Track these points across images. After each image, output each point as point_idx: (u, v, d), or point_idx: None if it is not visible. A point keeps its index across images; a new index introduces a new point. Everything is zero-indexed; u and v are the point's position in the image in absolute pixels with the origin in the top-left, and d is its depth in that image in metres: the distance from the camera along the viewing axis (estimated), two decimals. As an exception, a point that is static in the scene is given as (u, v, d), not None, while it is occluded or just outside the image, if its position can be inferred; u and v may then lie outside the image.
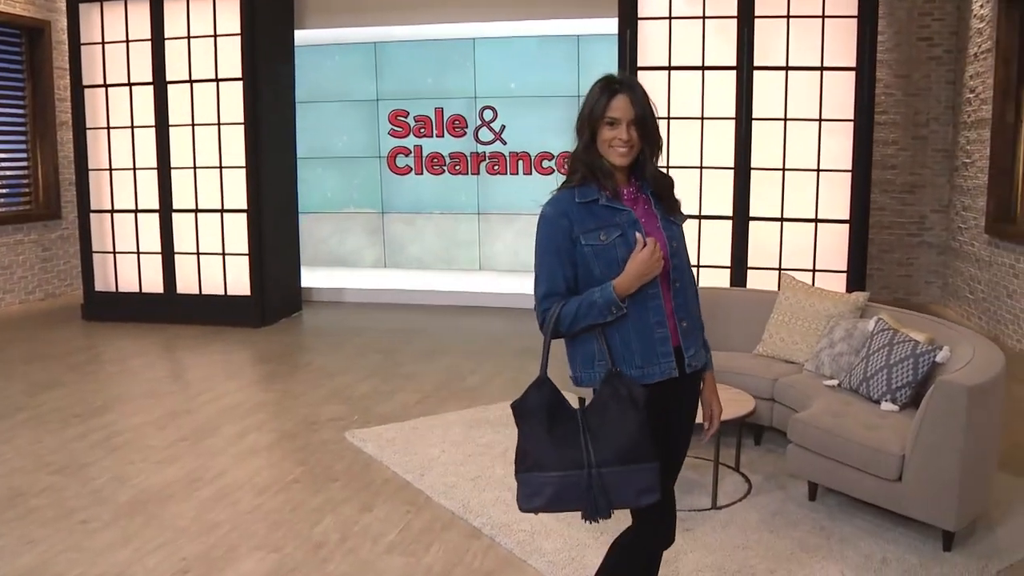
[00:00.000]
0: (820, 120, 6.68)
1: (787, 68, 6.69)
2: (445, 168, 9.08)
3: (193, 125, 7.86)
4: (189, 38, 7.76)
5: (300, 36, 8.72)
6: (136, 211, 8.09)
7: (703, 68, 6.80)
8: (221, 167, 7.87)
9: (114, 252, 8.20)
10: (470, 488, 4.20)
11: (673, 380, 2.42)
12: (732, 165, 6.81)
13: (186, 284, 8.09)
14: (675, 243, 2.43)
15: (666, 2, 6.81)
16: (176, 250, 8.05)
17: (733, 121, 6.78)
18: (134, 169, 8.04)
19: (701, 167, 6.86)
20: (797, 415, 3.99)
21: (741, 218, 6.85)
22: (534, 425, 2.30)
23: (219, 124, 7.82)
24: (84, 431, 5.04)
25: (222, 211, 7.92)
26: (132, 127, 7.98)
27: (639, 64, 6.88)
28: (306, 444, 4.86)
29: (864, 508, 3.85)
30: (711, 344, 2.62)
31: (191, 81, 7.81)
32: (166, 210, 8.00)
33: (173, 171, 7.96)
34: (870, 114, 6.64)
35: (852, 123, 6.61)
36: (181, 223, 8.02)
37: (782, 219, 6.85)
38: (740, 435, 4.43)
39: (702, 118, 6.82)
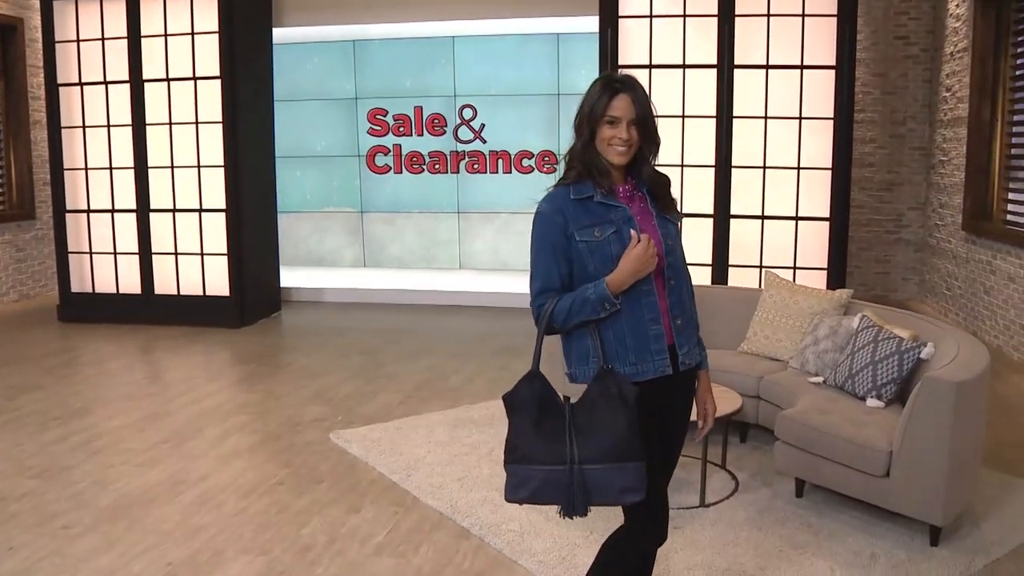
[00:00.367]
0: (800, 118, 6.71)
1: (767, 66, 6.71)
2: (424, 167, 9.05)
3: (171, 124, 7.77)
4: (166, 36, 7.67)
5: (278, 34, 8.65)
6: (113, 211, 7.99)
7: (684, 66, 6.82)
8: (199, 166, 7.79)
9: (90, 253, 8.10)
10: (457, 488, 4.18)
11: (667, 378, 2.43)
12: (713, 163, 6.83)
13: (164, 285, 8.00)
14: (670, 241, 2.44)
15: (647, 0, 6.81)
16: (154, 250, 7.96)
17: (714, 119, 6.80)
18: (110, 168, 7.94)
19: (682, 165, 6.87)
20: (784, 412, 4.00)
21: (722, 216, 6.87)
22: (523, 418, 2.32)
23: (197, 123, 7.74)
24: (64, 434, 4.97)
25: (200, 211, 7.84)
26: (108, 126, 7.88)
27: (620, 62, 6.88)
28: (290, 445, 4.82)
29: (851, 504, 3.87)
30: (700, 342, 2.62)
31: (168, 79, 7.72)
32: (143, 210, 7.91)
33: (150, 170, 7.86)
34: (850, 112, 6.68)
35: (832, 121, 6.65)
36: (159, 223, 7.93)
37: (763, 217, 6.87)
38: (727, 433, 4.45)
39: (683, 116, 6.84)
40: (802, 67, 6.66)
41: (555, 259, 2.42)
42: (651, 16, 6.82)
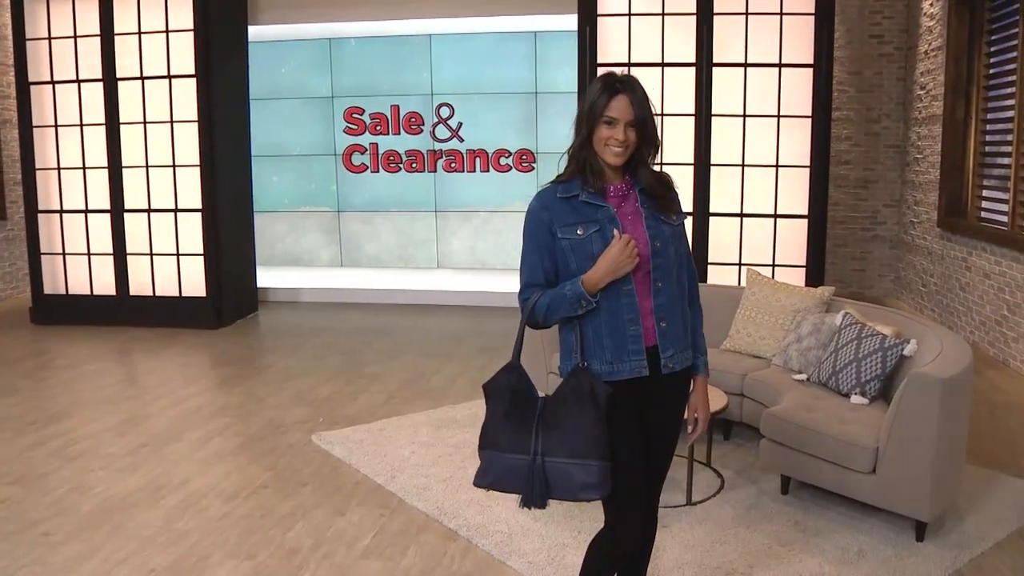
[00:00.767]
0: (779, 116, 6.75)
1: (746, 65, 6.74)
2: (402, 166, 9.01)
3: (145, 123, 7.67)
4: (140, 34, 7.56)
5: (253, 32, 8.58)
6: (86, 211, 7.87)
7: (663, 65, 6.83)
8: (174, 166, 7.70)
9: (63, 254, 7.98)
10: (443, 489, 4.16)
11: (650, 380, 2.42)
12: (692, 161, 6.85)
13: (139, 286, 7.90)
14: (659, 242, 2.41)
15: (626, -1, 6.83)
16: (128, 251, 7.86)
17: (693, 117, 6.82)
18: (83, 168, 7.83)
19: (661, 163, 6.80)
20: (769, 410, 4.02)
21: (701, 214, 6.89)
22: (496, 406, 2.40)
23: (172, 122, 7.64)
24: (41, 439, 4.89)
25: (176, 211, 7.75)
26: (81, 125, 7.76)
27: (599, 61, 6.89)
28: (272, 448, 4.77)
29: (837, 500, 3.89)
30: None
31: (142, 78, 7.61)
32: (118, 210, 7.80)
33: (124, 170, 7.76)
34: (828, 110, 6.73)
35: (810, 119, 6.69)
36: (133, 223, 7.83)
37: (742, 215, 6.90)
38: (711, 431, 4.45)
39: (662, 114, 6.84)
40: (780, 65, 6.70)
41: (540, 255, 2.44)
42: (630, 14, 6.83)
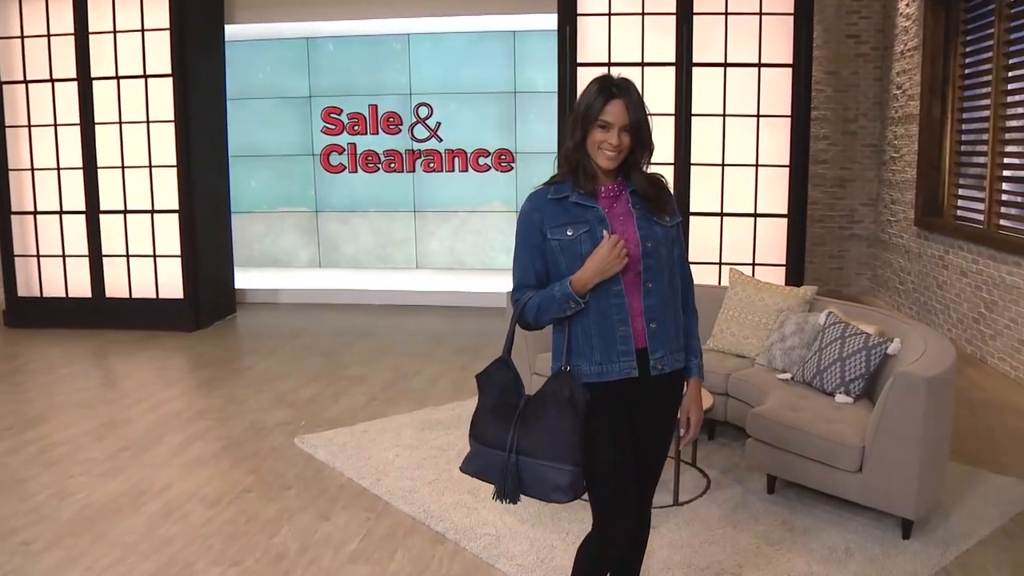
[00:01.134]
0: (758, 116, 6.78)
1: (725, 64, 6.77)
2: (380, 166, 8.96)
3: (120, 123, 7.58)
4: (115, 32, 7.47)
5: (230, 31, 8.49)
6: (61, 212, 7.77)
7: (643, 64, 6.84)
8: (151, 166, 7.61)
9: (38, 256, 7.87)
10: (429, 492, 4.13)
11: (640, 381, 2.41)
12: (672, 161, 6.86)
13: (115, 288, 7.80)
14: (650, 243, 2.40)
15: (606, -2, 6.83)
16: (104, 252, 7.76)
17: (673, 117, 6.83)
18: (58, 169, 7.72)
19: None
20: (755, 410, 4.03)
21: (681, 213, 6.88)
22: (486, 398, 2.46)
23: (148, 122, 7.56)
24: (17, 445, 4.81)
25: (152, 211, 7.67)
26: (55, 125, 7.65)
27: (579, 60, 6.89)
28: (255, 452, 4.72)
29: (822, 499, 3.91)
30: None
31: (118, 77, 7.52)
32: (93, 211, 7.70)
33: (100, 171, 7.66)
34: (807, 110, 6.77)
35: (789, 119, 6.73)
36: (109, 224, 7.73)
37: (722, 214, 6.93)
38: (697, 430, 4.45)
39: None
40: (759, 65, 6.73)
41: (531, 256, 2.45)
42: (610, 14, 6.83)
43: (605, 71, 7.27)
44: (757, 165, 6.83)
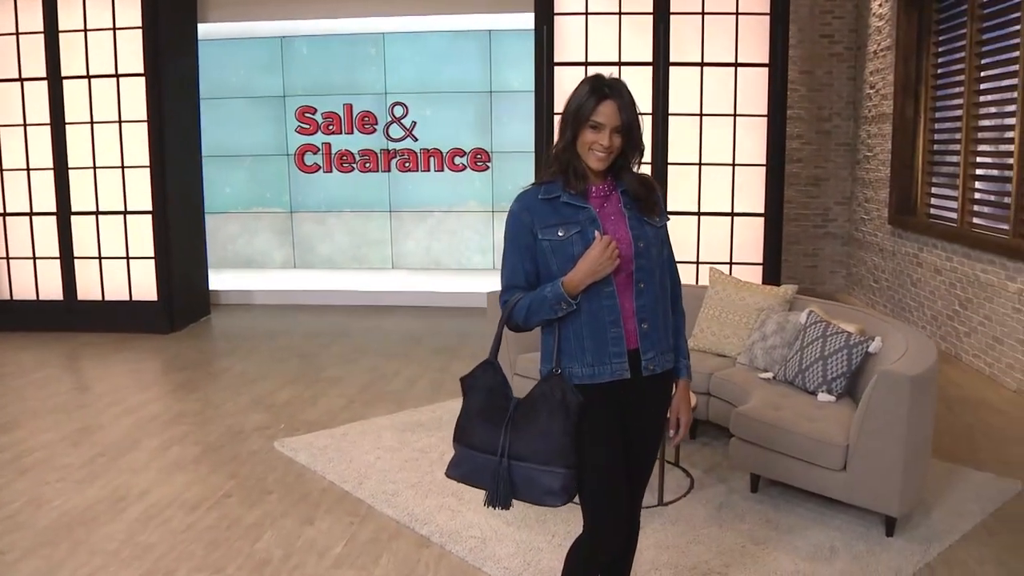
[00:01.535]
0: (735, 116, 6.80)
1: (702, 64, 6.78)
2: (355, 166, 8.91)
3: (92, 123, 7.47)
4: (86, 31, 7.36)
5: (203, 30, 8.40)
6: (31, 214, 7.64)
7: (620, 64, 6.83)
8: (123, 167, 7.51)
9: (7, 258, 7.74)
10: (412, 495, 4.10)
11: (631, 382, 2.40)
12: (649, 160, 6.85)
13: (87, 290, 7.69)
14: (642, 243, 2.39)
15: (582, -2, 6.83)
16: (76, 254, 7.65)
17: (650, 116, 6.84)
18: (28, 170, 7.59)
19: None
20: (739, 409, 4.03)
21: (660, 213, 6.90)
22: (472, 402, 2.43)
23: (120, 121, 7.45)
24: (-10, 451, 4.73)
25: (125, 213, 7.56)
26: (25, 125, 7.52)
27: (556, 60, 6.88)
28: (234, 456, 4.67)
29: (805, 497, 3.93)
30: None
31: (89, 76, 7.41)
32: (64, 213, 7.58)
33: (71, 171, 7.54)
34: (783, 109, 6.79)
35: (766, 118, 6.76)
36: (81, 226, 7.62)
37: (699, 213, 6.94)
38: (680, 430, 4.46)
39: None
40: (736, 65, 6.75)
41: (521, 257, 2.43)
42: (587, 13, 6.83)
43: (582, 70, 7.24)
44: (734, 164, 6.86)
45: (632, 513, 2.59)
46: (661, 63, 6.78)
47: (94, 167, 7.54)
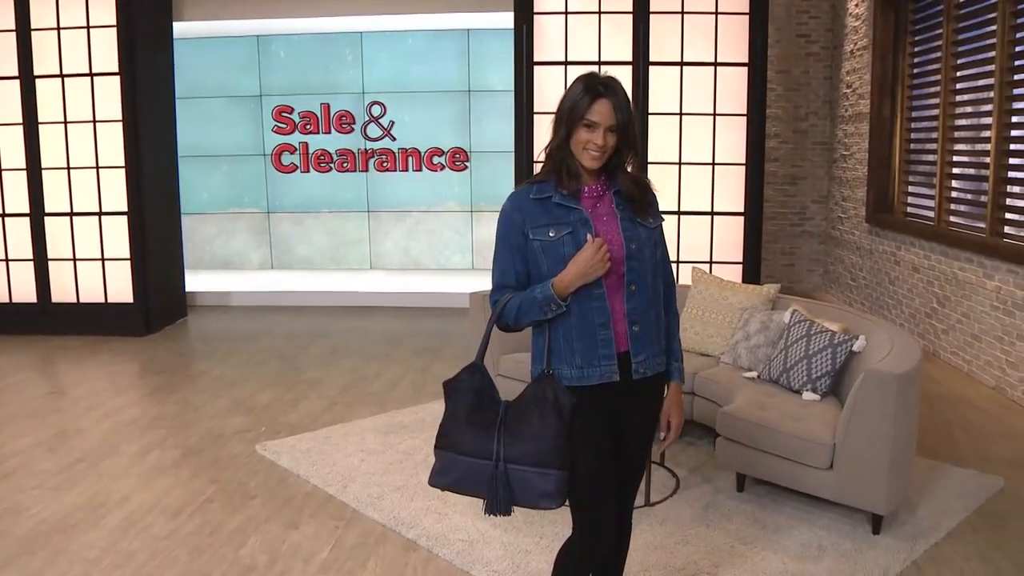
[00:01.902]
0: (715, 115, 6.82)
1: (682, 63, 6.79)
2: (333, 166, 8.86)
3: (66, 123, 7.35)
4: (59, 29, 7.24)
5: (178, 28, 8.31)
6: (3, 215, 7.51)
7: (599, 63, 6.82)
8: (98, 167, 7.40)
9: (-21, 260, 7.63)
10: (397, 498, 4.07)
11: (622, 385, 2.39)
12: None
13: (62, 293, 7.58)
14: (634, 245, 2.37)
15: (562, -3, 6.82)
16: (50, 256, 7.53)
17: (630, 116, 6.83)
18: (0, 170, 7.47)
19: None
20: (724, 409, 4.03)
21: (640, 212, 6.90)
22: (458, 405, 2.34)
23: (95, 121, 7.34)
24: (-35, 457, 4.64)
25: (100, 214, 7.46)
26: (-5, 124, 7.43)
27: (535, 59, 6.85)
28: (215, 460, 4.61)
29: (792, 496, 3.94)
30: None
31: (62, 75, 7.30)
32: (37, 214, 7.46)
33: (44, 172, 7.42)
34: (762, 108, 6.82)
35: (745, 117, 6.78)
36: (55, 228, 7.50)
37: (679, 212, 6.95)
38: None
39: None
40: (715, 64, 6.76)
41: (512, 257, 2.41)
42: (566, 12, 6.81)
43: (562, 70, 7.19)
44: (714, 164, 6.87)
45: (623, 515, 2.58)
46: (641, 62, 6.78)
47: (68, 167, 7.42)
